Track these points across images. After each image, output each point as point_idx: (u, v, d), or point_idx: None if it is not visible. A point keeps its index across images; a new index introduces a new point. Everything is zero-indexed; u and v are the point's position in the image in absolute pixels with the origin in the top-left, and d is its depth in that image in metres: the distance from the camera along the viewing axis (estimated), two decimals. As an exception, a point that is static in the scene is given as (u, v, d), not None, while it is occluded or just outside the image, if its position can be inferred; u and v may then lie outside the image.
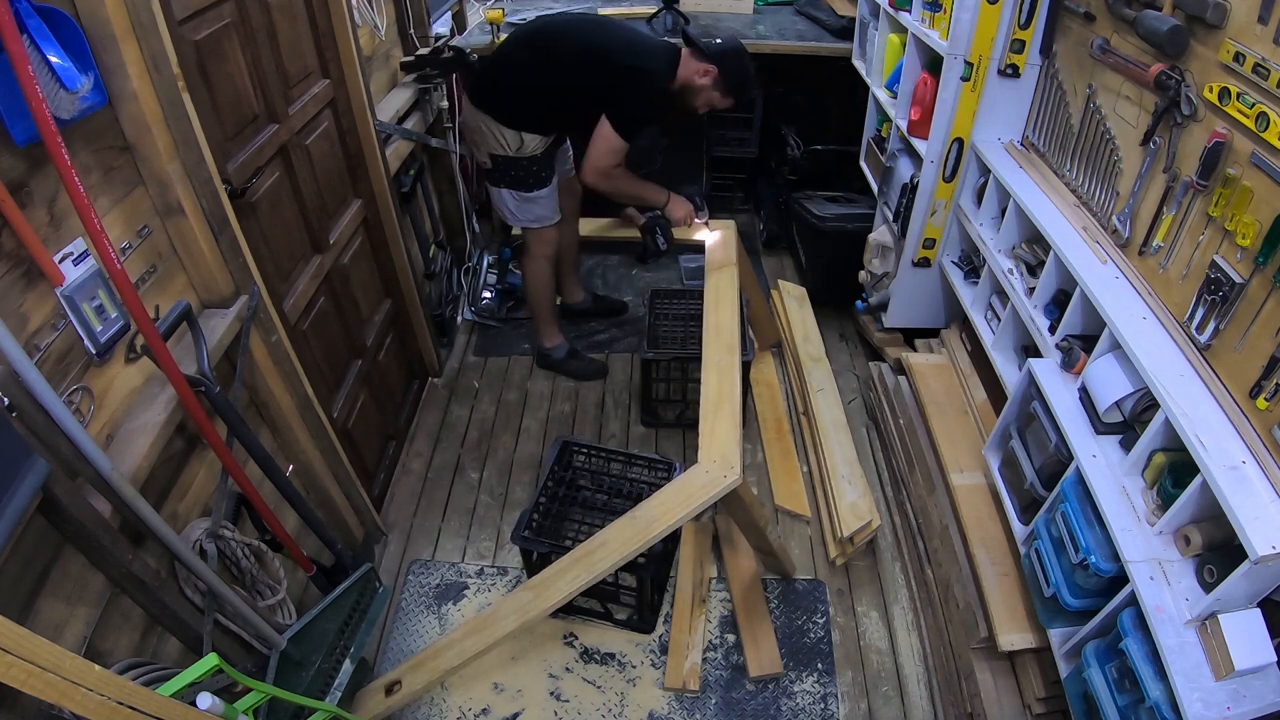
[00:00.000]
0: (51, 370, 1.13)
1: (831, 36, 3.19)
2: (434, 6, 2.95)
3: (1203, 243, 1.44)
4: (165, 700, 0.99)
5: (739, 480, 1.67)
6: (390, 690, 1.72)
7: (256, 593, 1.56)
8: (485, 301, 3.31)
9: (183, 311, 1.34)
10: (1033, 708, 1.72)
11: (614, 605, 2.12)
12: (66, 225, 1.16)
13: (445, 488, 2.57)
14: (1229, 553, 1.21)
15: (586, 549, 1.69)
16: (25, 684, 0.79)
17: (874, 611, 2.18)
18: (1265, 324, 1.28)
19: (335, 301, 2.16)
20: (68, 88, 1.08)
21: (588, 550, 1.69)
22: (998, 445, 1.95)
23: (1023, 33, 1.99)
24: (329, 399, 2.12)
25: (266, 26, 1.73)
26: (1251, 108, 1.29)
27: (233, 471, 1.48)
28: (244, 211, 1.62)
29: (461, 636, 1.72)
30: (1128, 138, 1.69)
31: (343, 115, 2.17)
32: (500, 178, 2.49)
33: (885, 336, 2.83)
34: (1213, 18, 1.38)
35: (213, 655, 1.13)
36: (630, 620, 2.11)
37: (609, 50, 2.30)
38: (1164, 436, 1.40)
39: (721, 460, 1.72)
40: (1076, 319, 1.72)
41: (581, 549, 1.70)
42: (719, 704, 1.95)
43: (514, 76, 2.35)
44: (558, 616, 2.12)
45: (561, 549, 1.86)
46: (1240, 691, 1.19)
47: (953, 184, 2.30)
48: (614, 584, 2.01)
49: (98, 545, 1.13)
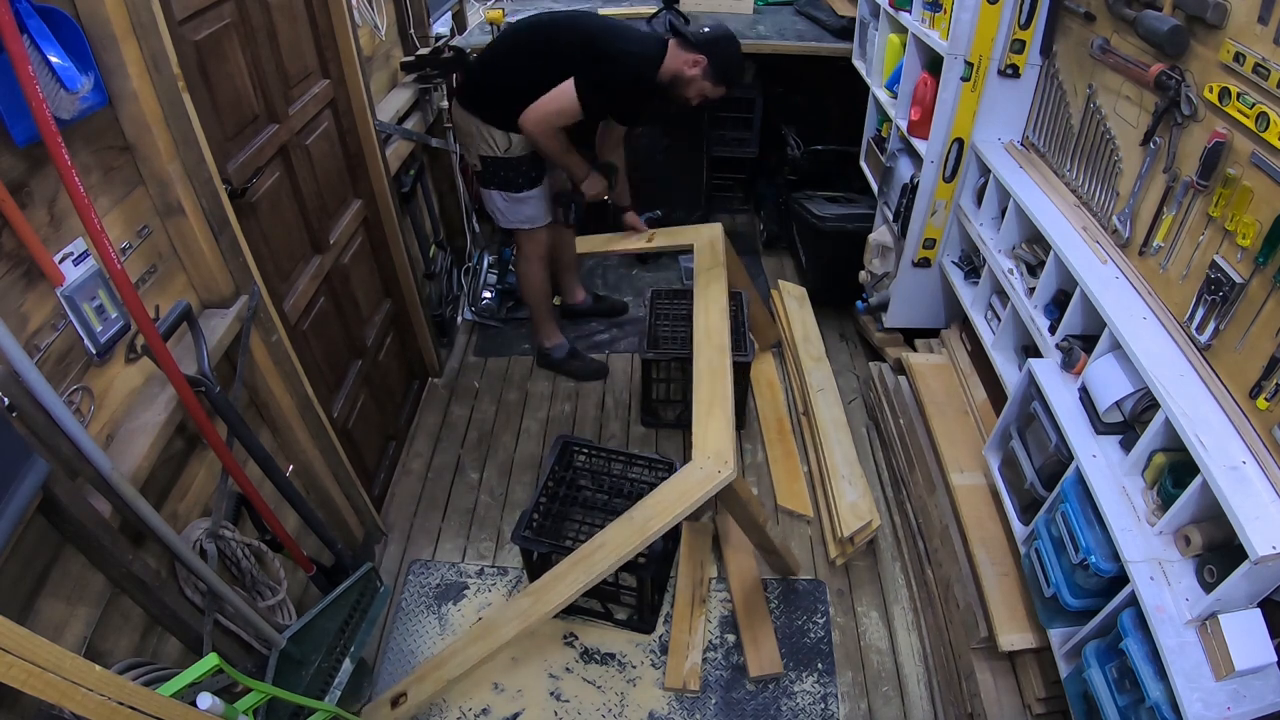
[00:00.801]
0: (51, 370, 1.13)
1: (831, 36, 3.19)
2: (434, 6, 2.96)
3: (1203, 243, 1.44)
4: (165, 700, 0.99)
5: (733, 475, 1.68)
6: (396, 703, 1.73)
7: (256, 593, 1.56)
8: (485, 301, 3.31)
9: (183, 311, 1.34)
10: (1033, 708, 1.72)
11: (614, 605, 2.12)
12: (66, 225, 1.16)
13: (445, 488, 2.57)
14: (1229, 553, 1.21)
15: (585, 551, 1.70)
16: (25, 684, 0.79)
17: (874, 611, 2.18)
18: (1265, 324, 1.28)
19: (335, 301, 2.16)
20: (68, 88, 1.08)
21: (586, 553, 1.69)
22: (998, 445, 1.95)
23: (1023, 33, 1.99)
24: (329, 399, 2.12)
25: (266, 26, 1.73)
26: (1252, 108, 1.29)
27: (233, 471, 1.48)
28: (244, 211, 1.62)
29: (464, 645, 1.74)
30: (1128, 138, 1.69)
31: (343, 115, 2.17)
32: (490, 179, 2.48)
33: (885, 336, 2.83)
34: (1213, 18, 1.38)
35: (213, 655, 1.13)
36: (631, 620, 2.12)
37: (593, 38, 2.27)
38: (1164, 436, 1.40)
39: (715, 456, 1.72)
40: (1076, 319, 1.72)
41: (580, 551, 1.71)
42: (719, 704, 1.95)
43: (499, 76, 2.33)
44: (559, 617, 2.12)
45: (562, 549, 1.86)
46: (1240, 691, 1.19)
47: (953, 184, 2.30)
48: (614, 584, 2.01)
49: (98, 545, 1.13)
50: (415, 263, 2.71)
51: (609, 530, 1.71)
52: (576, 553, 1.71)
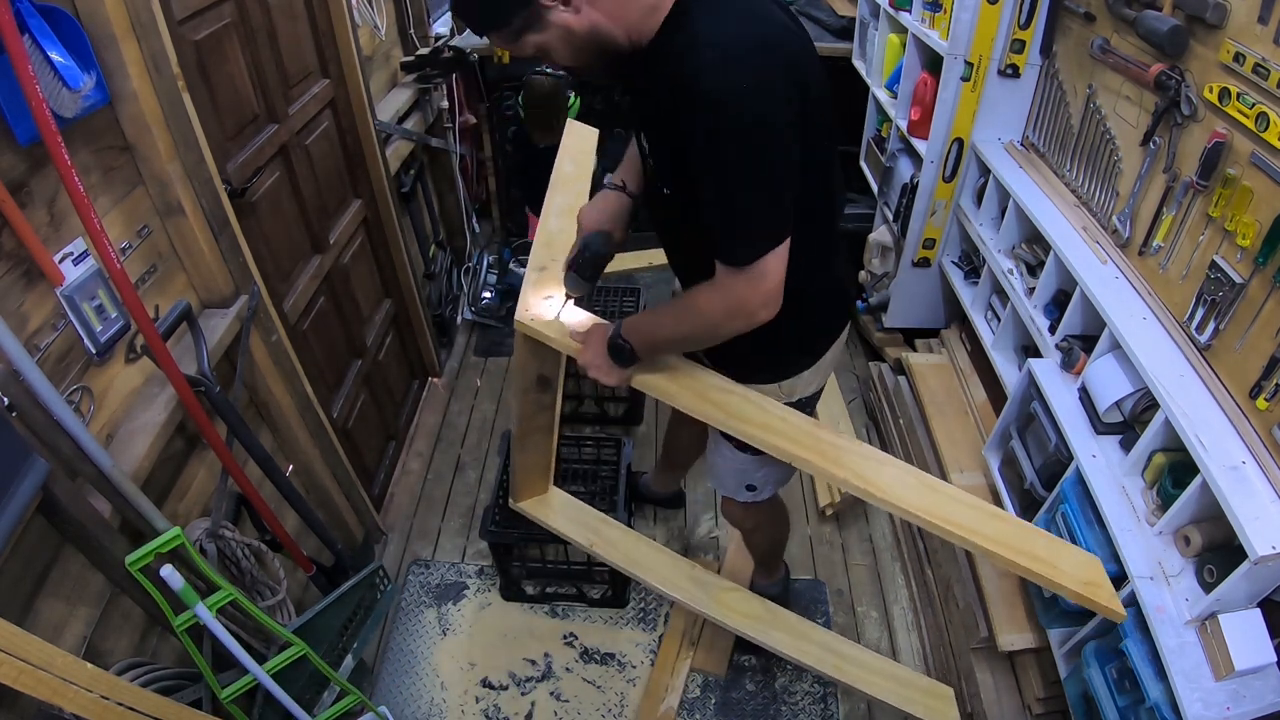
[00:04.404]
0: (51, 370, 1.13)
1: (831, 36, 3.18)
2: (434, 6, 2.95)
3: (1203, 243, 1.44)
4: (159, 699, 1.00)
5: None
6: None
7: (256, 593, 1.56)
8: (485, 301, 3.31)
9: (183, 311, 1.34)
10: (1032, 708, 1.72)
11: (588, 585, 2.13)
12: (66, 225, 1.15)
13: (445, 488, 2.57)
14: (1229, 553, 1.21)
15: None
16: (17, 681, 0.79)
17: (874, 611, 2.18)
18: (1265, 324, 1.28)
19: (335, 301, 2.16)
20: (70, 86, 1.08)
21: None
22: (998, 445, 1.95)
23: (1023, 33, 1.99)
24: (329, 399, 2.12)
25: (266, 26, 1.73)
26: (1251, 108, 1.29)
27: (233, 471, 1.48)
28: (244, 211, 1.62)
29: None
30: (1128, 138, 1.69)
31: (343, 115, 2.17)
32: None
33: (885, 336, 2.83)
34: (1213, 18, 1.38)
35: (176, 529, 1.18)
36: (605, 597, 2.12)
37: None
38: (1164, 436, 1.40)
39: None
40: (1076, 319, 1.72)
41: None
42: (718, 704, 1.95)
43: None
44: (559, 617, 2.13)
45: (533, 538, 1.92)
46: (1240, 692, 1.19)
47: (953, 184, 2.30)
48: (585, 564, 2.04)
49: (98, 545, 1.13)
50: (415, 262, 2.70)
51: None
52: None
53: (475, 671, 2.02)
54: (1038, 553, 1.18)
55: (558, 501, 1.97)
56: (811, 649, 1.76)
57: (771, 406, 1.30)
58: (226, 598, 1.25)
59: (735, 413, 1.26)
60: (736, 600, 1.84)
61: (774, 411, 1.28)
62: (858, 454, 1.25)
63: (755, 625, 1.78)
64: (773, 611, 1.83)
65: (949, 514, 1.18)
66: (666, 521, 2.42)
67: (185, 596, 1.17)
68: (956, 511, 1.19)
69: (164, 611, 1.18)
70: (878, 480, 1.21)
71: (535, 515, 1.92)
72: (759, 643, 1.78)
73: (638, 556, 1.89)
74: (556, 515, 1.93)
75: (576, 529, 1.91)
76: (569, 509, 1.96)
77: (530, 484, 1.91)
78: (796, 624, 1.83)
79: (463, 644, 2.09)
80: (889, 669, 1.80)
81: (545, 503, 1.95)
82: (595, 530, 1.92)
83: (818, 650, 1.76)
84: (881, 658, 1.84)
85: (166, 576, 1.13)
